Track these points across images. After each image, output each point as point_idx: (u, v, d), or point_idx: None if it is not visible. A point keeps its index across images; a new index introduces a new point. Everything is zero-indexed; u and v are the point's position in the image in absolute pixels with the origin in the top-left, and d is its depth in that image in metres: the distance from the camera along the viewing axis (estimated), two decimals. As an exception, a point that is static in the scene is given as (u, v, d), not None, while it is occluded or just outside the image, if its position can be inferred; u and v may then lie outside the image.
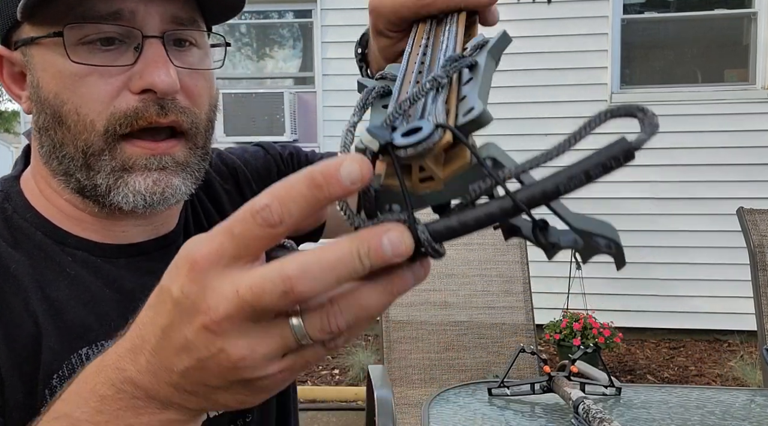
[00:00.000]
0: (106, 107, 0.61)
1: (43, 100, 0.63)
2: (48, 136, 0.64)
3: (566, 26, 4.56)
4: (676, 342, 4.53)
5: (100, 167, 0.63)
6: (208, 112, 0.69)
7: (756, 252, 2.11)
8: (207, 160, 0.70)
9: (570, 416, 1.14)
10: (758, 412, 1.18)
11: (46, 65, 0.63)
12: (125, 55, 0.62)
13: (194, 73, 0.66)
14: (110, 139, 0.62)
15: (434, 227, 0.33)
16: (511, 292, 2.45)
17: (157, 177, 0.63)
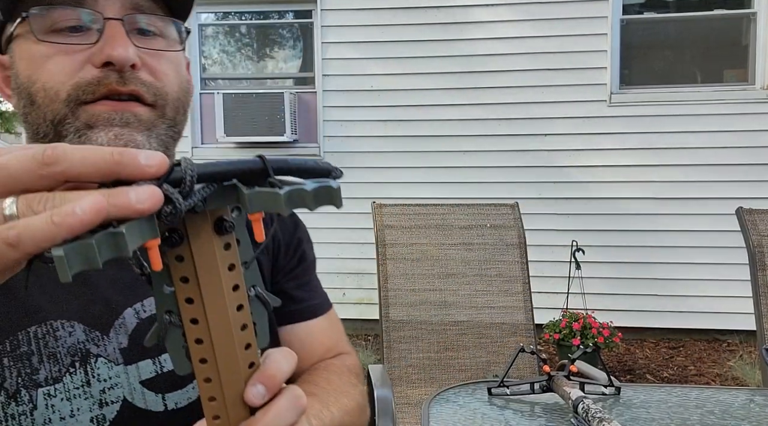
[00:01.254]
0: (71, 78, 0.65)
1: (20, 86, 0.68)
2: (27, 122, 0.69)
3: (566, 26, 4.56)
4: (676, 342, 4.53)
5: (67, 131, 0.66)
6: (177, 92, 0.72)
7: (755, 252, 2.11)
8: (177, 138, 0.73)
9: (569, 416, 1.14)
10: (757, 412, 1.18)
11: (22, 53, 0.68)
12: (89, 37, 0.67)
13: (158, 55, 0.70)
14: (72, 103, 0.65)
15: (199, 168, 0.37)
16: (510, 291, 2.45)
17: (119, 131, 0.66)
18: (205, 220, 0.39)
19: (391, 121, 4.76)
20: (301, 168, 0.40)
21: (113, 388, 0.68)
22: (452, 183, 4.69)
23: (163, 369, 0.72)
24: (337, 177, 0.40)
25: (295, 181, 0.38)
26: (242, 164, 0.38)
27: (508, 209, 2.55)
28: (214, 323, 0.41)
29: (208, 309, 0.41)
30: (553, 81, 4.59)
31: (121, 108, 0.66)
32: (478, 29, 4.66)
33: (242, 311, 0.42)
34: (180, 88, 0.72)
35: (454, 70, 4.68)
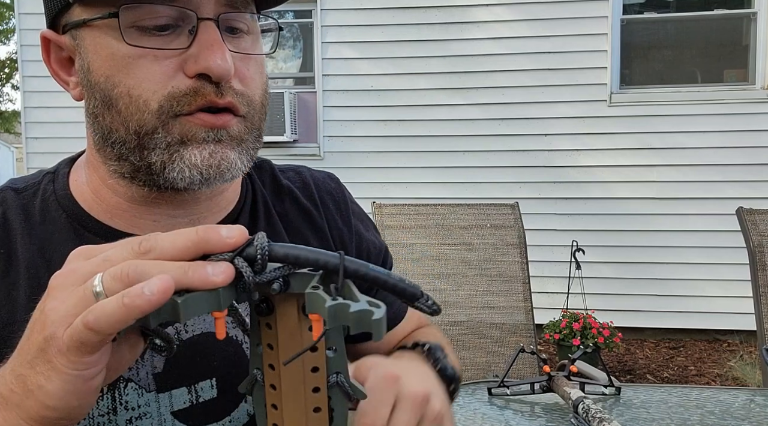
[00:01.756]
0: (163, 87, 0.60)
1: (94, 85, 0.62)
2: (98, 122, 0.64)
3: (566, 26, 4.56)
4: (676, 342, 4.53)
5: (155, 144, 0.61)
6: (261, 97, 0.68)
7: (755, 252, 2.11)
8: (260, 142, 0.69)
9: (569, 416, 1.14)
10: (758, 412, 1.18)
11: (98, 48, 0.61)
12: (179, 38, 0.60)
13: (246, 58, 0.65)
14: (164, 116, 0.60)
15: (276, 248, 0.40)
16: (510, 291, 2.45)
17: (213, 148, 0.62)
18: (293, 298, 0.42)
19: (391, 121, 4.76)
20: (379, 281, 0.40)
21: (141, 418, 0.64)
22: (452, 183, 4.68)
23: (198, 399, 0.67)
24: (430, 309, 0.40)
25: (354, 294, 0.39)
26: (319, 256, 0.39)
27: (508, 209, 2.55)
28: (287, 396, 0.43)
29: (283, 380, 0.43)
30: (553, 81, 4.59)
31: (217, 124, 0.62)
32: (478, 29, 4.66)
33: (318, 393, 0.43)
34: (263, 91, 0.68)
35: (454, 70, 4.67)
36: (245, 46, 0.65)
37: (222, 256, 0.40)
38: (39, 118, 4.93)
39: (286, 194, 0.81)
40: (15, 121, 17.48)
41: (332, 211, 0.83)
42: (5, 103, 19.10)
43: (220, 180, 0.63)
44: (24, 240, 0.66)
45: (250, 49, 0.66)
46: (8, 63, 18.34)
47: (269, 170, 0.82)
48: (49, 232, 0.67)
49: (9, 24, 17.16)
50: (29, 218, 0.67)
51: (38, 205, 0.68)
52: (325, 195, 0.84)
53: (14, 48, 16.85)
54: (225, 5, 0.62)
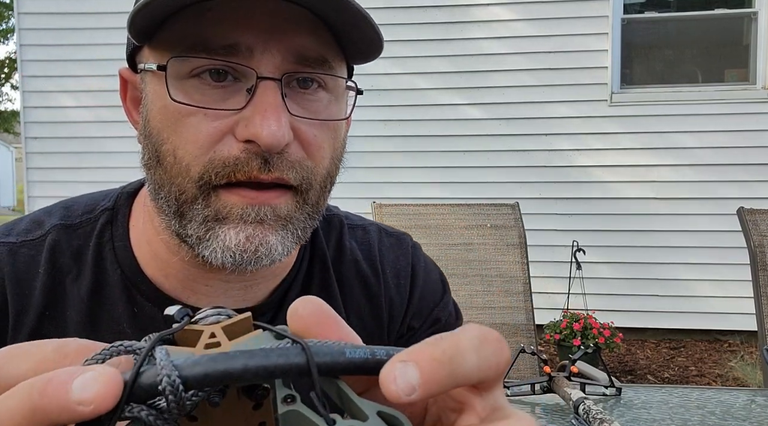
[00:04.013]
0: (206, 152, 0.54)
1: (148, 135, 0.58)
2: (150, 174, 0.59)
3: (567, 26, 4.56)
4: (677, 342, 4.53)
5: (192, 216, 0.56)
6: (328, 167, 0.60)
7: (756, 252, 2.10)
8: (316, 219, 0.61)
9: (570, 416, 1.14)
10: (759, 413, 1.18)
11: (155, 97, 0.57)
12: (236, 97, 0.54)
13: (317, 121, 0.57)
14: (205, 187, 0.55)
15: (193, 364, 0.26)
16: (511, 292, 2.44)
17: (251, 232, 0.55)
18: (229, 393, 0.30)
19: (391, 121, 4.76)
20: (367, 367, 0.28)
21: None
22: (452, 183, 4.68)
23: None
24: None
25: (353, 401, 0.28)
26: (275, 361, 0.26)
27: (508, 209, 2.55)
28: None
29: None
30: (553, 81, 4.58)
31: (259, 201, 0.55)
32: (479, 29, 4.65)
33: None
34: (332, 161, 0.60)
35: (455, 69, 4.67)
36: (317, 107, 0.57)
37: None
38: (38, 118, 4.93)
39: (349, 258, 0.74)
40: (14, 121, 17.49)
41: (391, 284, 0.76)
42: (5, 103, 19.12)
43: (256, 266, 0.56)
44: (72, 293, 0.61)
45: (323, 110, 0.58)
46: (8, 63, 18.36)
47: (338, 228, 0.76)
48: (101, 287, 0.62)
49: (9, 24, 17.16)
50: (80, 266, 0.62)
51: (92, 251, 0.63)
52: (387, 266, 0.77)
53: (14, 48, 16.86)
54: (294, 62, 0.55)
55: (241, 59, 0.53)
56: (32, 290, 0.60)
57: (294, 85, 0.56)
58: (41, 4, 4.85)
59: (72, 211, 0.65)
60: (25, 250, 0.62)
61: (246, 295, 0.66)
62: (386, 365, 0.27)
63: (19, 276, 0.61)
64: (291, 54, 0.54)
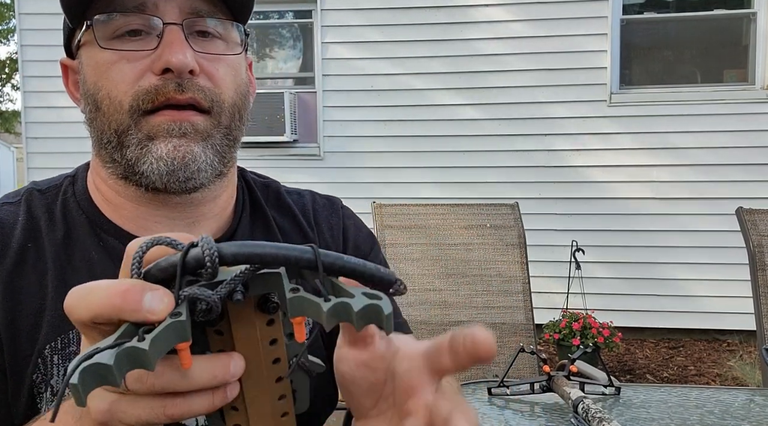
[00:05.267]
0: (132, 87, 0.66)
1: (87, 93, 0.70)
2: (93, 127, 0.71)
3: (566, 26, 4.56)
4: (676, 342, 4.53)
5: (129, 142, 0.68)
6: (233, 97, 0.72)
7: (755, 252, 2.11)
8: (234, 144, 0.74)
9: (569, 416, 1.14)
10: (757, 412, 1.18)
11: (89, 60, 0.69)
12: (149, 42, 0.67)
13: (216, 59, 0.70)
14: (135, 114, 0.67)
15: (226, 248, 0.34)
16: (510, 291, 2.45)
17: (177, 142, 0.67)
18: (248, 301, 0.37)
19: (391, 121, 4.76)
20: (357, 271, 0.36)
21: None
22: (452, 183, 4.68)
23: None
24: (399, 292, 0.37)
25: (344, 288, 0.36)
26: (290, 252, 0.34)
27: (508, 209, 2.55)
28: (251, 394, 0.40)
29: (245, 381, 0.40)
30: (553, 81, 4.59)
31: (179, 118, 0.67)
32: (478, 29, 4.66)
33: (281, 382, 0.41)
34: (237, 93, 0.73)
35: (454, 70, 4.67)
36: (216, 49, 0.71)
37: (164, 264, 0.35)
38: (39, 118, 4.93)
39: (288, 213, 0.86)
40: (15, 121, 17.48)
41: (326, 236, 0.87)
42: (5, 103, 19.10)
43: (185, 172, 0.68)
44: (49, 236, 0.72)
45: (221, 51, 0.71)
46: (8, 63, 18.34)
47: (275, 190, 0.87)
48: (70, 230, 0.73)
49: (9, 24, 17.15)
50: (52, 217, 0.73)
51: (59, 205, 0.74)
52: (322, 221, 0.88)
53: (14, 48, 16.86)
54: (189, 13, 0.69)
55: (150, 12, 0.67)
56: (14, 231, 0.71)
57: (194, 35, 0.69)
58: (42, 5, 4.85)
59: (41, 183, 0.78)
60: (6, 207, 0.74)
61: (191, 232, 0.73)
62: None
63: (2, 222, 0.72)
64: (186, 7, 0.68)
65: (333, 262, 0.35)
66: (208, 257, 0.33)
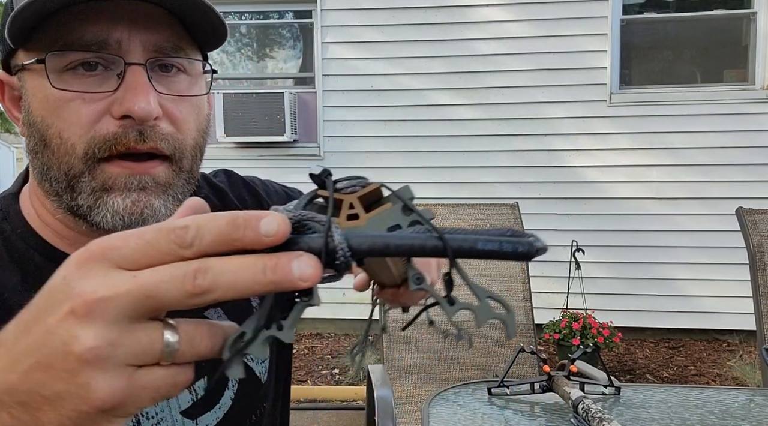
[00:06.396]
0: (87, 131, 0.61)
1: (32, 124, 0.64)
2: (37, 158, 0.65)
3: (566, 26, 4.56)
4: (676, 342, 4.53)
5: (81, 188, 0.63)
6: (195, 138, 0.68)
7: (755, 252, 2.11)
8: (193, 183, 0.70)
9: (569, 415, 1.14)
10: (757, 412, 1.18)
11: (35, 90, 0.63)
12: (108, 82, 0.62)
13: (179, 99, 0.65)
14: (90, 161, 0.62)
15: (356, 239, 0.34)
16: (510, 291, 2.45)
17: (136, 197, 0.63)
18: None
19: (391, 121, 4.76)
20: (495, 252, 0.34)
21: (159, 423, 0.69)
22: (452, 183, 4.68)
23: (197, 396, 0.72)
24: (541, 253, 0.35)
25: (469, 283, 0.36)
26: (414, 240, 0.34)
27: (508, 209, 2.55)
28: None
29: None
30: (553, 81, 4.59)
31: (138, 171, 0.63)
32: (478, 29, 4.66)
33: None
34: (198, 133, 0.69)
35: (454, 70, 4.67)
36: (179, 87, 0.66)
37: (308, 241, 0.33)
38: (39, 118, 4.93)
39: (225, 195, 0.85)
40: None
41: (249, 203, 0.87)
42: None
43: (143, 224, 0.62)
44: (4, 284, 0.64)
45: (185, 89, 0.66)
46: (8, 63, 18.32)
47: (204, 178, 0.84)
48: (26, 275, 0.66)
49: (9, 24, 17.12)
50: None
51: (1, 246, 0.67)
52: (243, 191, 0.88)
53: (14, 48, 16.75)
54: (154, 51, 0.63)
55: (111, 51, 0.61)
56: None
57: (156, 70, 0.64)
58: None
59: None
60: None
61: None
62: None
63: None
64: (152, 44, 0.63)
65: (460, 246, 0.34)
66: (341, 252, 0.33)
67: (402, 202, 0.39)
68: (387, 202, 0.40)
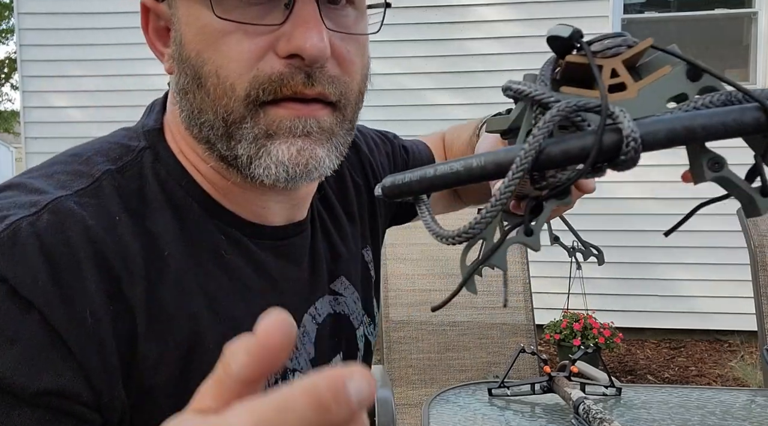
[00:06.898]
0: (249, 70, 0.54)
1: (185, 59, 0.57)
2: (187, 100, 0.58)
3: (566, 26, 4.56)
4: (677, 342, 4.53)
5: (242, 136, 0.56)
6: (360, 83, 0.61)
7: (756, 252, 2.10)
8: (352, 135, 0.64)
9: (570, 416, 1.14)
10: (759, 413, 1.18)
11: (191, 19, 0.56)
12: (274, 13, 0.55)
13: (347, 37, 0.58)
14: (252, 105, 0.55)
15: (646, 127, 0.27)
16: (511, 292, 2.44)
17: (301, 145, 0.56)
18: None
19: (391, 121, 4.75)
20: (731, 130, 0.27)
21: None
22: (452, 183, 4.68)
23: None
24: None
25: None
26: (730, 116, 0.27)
27: (508, 209, 2.54)
28: None
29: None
30: (553, 81, 4.59)
31: (305, 113, 0.56)
32: (479, 29, 4.65)
33: None
34: (362, 77, 0.62)
35: (455, 69, 4.67)
36: (347, 23, 0.58)
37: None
38: (38, 118, 4.93)
39: (361, 169, 0.85)
40: (14, 121, 17.49)
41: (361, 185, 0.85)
42: (4, 103, 19.13)
43: (307, 178, 0.58)
44: (157, 234, 0.57)
45: (353, 26, 0.59)
46: (7, 63, 18.36)
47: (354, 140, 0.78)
48: (184, 223, 0.59)
49: (8, 24, 17.16)
50: (153, 208, 0.58)
51: (156, 192, 0.59)
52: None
53: (13, 48, 16.86)
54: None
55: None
56: (122, 237, 0.54)
57: (324, 3, 0.56)
58: (41, 4, 4.85)
59: (106, 155, 0.60)
60: (86, 200, 0.55)
61: (294, 213, 0.69)
62: None
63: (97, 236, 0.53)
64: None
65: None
66: (633, 144, 0.26)
67: (687, 63, 0.30)
68: (659, 66, 0.32)
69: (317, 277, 0.71)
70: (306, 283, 0.70)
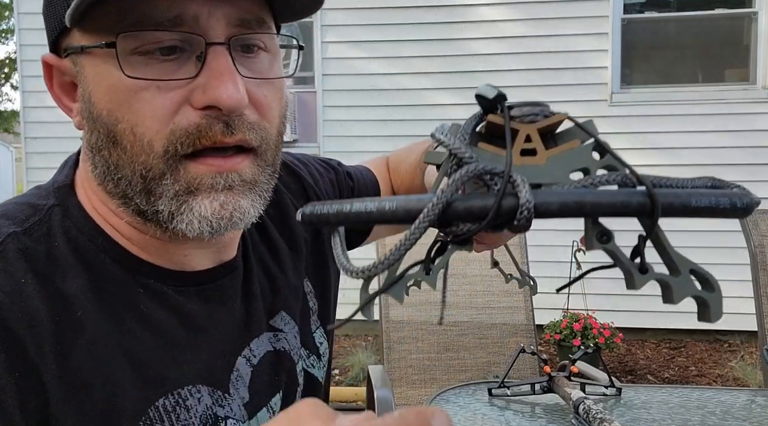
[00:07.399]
0: (165, 125, 0.53)
1: (96, 118, 0.56)
2: (101, 156, 0.57)
3: (567, 26, 4.56)
4: (677, 342, 4.53)
5: (162, 192, 0.55)
6: (278, 126, 0.61)
7: (756, 252, 2.10)
8: (275, 178, 0.63)
9: (570, 416, 1.14)
10: (759, 413, 1.18)
11: (98, 78, 0.55)
12: (186, 66, 0.54)
13: (262, 82, 0.58)
14: (171, 160, 0.54)
15: (542, 198, 0.29)
16: (511, 292, 2.44)
17: (224, 199, 0.56)
18: None
19: (391, 121, 4.75)
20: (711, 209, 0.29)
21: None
22: (452, 183, 4.68)
23: (274, 413, 0.68)
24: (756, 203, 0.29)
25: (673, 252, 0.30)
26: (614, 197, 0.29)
27: (508, 209, 2.53)
28: None
29: None
30: (553, 80, 4.58)
31: (226, 168, 0.55)
32: (479, 28, 4.65)
33: None
34: (281, 120, 0.61)
35: (455, 69, 4.67)
36: (262, 68, 0.58)
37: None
38: (38, 118, 4.93)
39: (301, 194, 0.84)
40: (14, 120, 17.49)
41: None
42: (4, 102, 19.13)
43: (231, 230, 0.58)
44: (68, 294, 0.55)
45: (268, 70, 0.59)
46: (7, 63, 18.36)
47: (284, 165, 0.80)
48: (98, 280, 0.57)
49: (8, 24, 17.17)
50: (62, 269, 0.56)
51: (66, 251, 0.57)
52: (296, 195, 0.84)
53: (13, 48, 16.87)
54: (237, 25, 0.55)
55: (188, 28, 0.53)
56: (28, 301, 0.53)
57: (238, 50, 0.56)
58: (41, 4, 4.84)
59: (12, 217, 0.58)
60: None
61: (221, 254, 0.67)
62: None
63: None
64: (234, 18, 0.54)
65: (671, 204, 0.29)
66: (526, 213, 0.29)
67: (594, 139, 0.32)
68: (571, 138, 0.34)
69: (252, 316, 0.69)
70: (239, 324, 0.67)
